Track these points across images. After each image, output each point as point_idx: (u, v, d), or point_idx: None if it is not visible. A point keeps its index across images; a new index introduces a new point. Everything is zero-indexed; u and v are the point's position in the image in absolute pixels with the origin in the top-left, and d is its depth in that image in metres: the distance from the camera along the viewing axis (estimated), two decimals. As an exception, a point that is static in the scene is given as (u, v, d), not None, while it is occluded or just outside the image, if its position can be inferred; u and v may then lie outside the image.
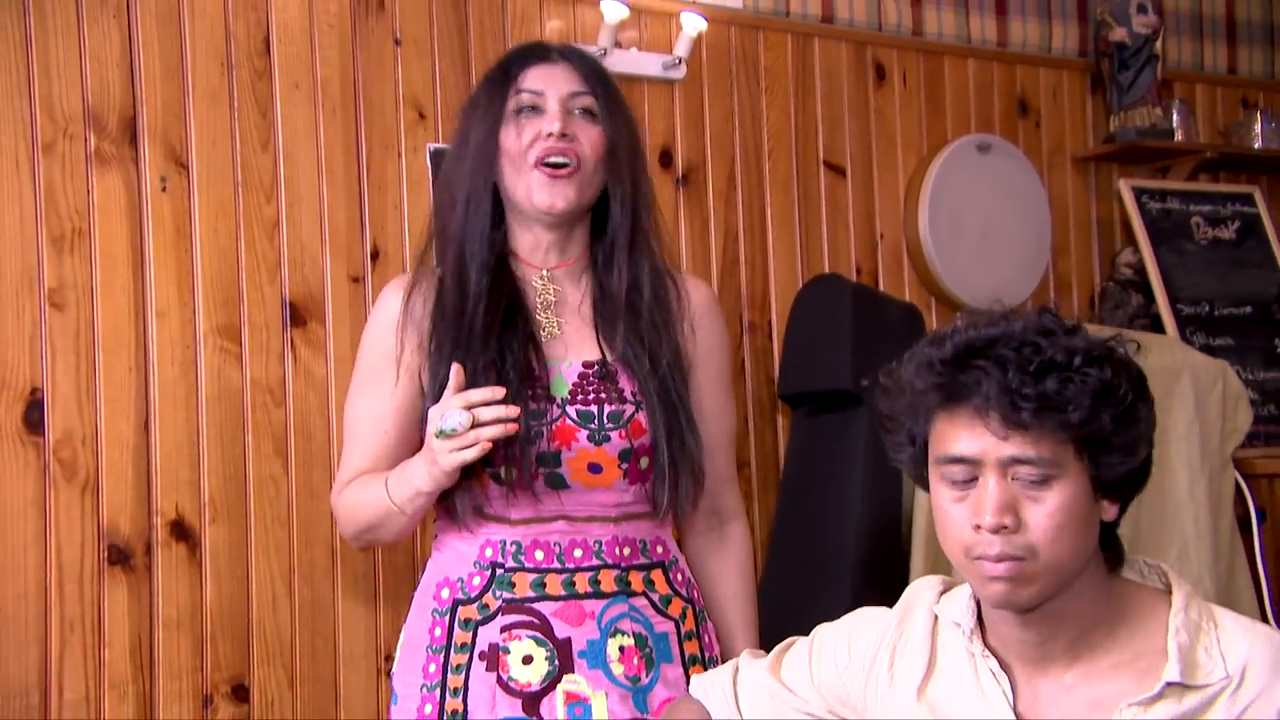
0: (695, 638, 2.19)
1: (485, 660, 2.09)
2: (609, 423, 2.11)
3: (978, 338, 1.63)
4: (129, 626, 2.59)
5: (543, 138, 2.11)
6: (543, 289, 2.19)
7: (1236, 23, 4.29)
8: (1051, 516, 1.59)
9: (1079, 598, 1.66)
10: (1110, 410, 1.58)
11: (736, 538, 2.32)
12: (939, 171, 3.61)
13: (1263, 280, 3.99)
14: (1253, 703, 1.61)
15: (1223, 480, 3.39)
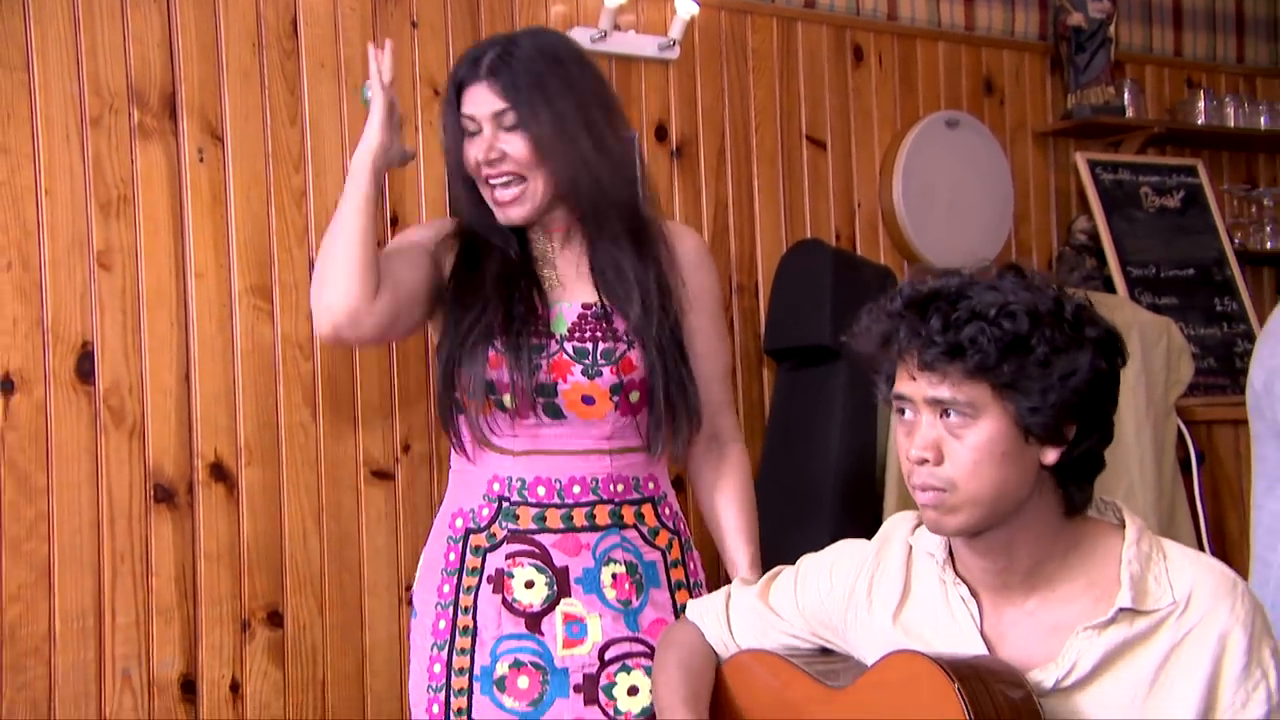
0: (681, 565, 2.21)
1: (492, 583, 2.11)
2: (601, 359, 2.11)
3: (919, 291, 1.64)
4: (173, 558, 2.59)
5: (479, 164, 2.10)
6: (541, 245, 2.19)
7: (1182, 9, 4.29)
8: (970, 453, 1.60)
9: (1027, 530, 1.66)
10: (1019, 360, 1.57)
11: (735, 458, 2.32)
12: (911, 145, 3.60)
13: (1204, 245, 4.00)
14: (1195, 626, 1.61)
15: (1166, 426, 3.40)
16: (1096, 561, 1.68)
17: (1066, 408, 1.59)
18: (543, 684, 2.07)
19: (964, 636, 1.70)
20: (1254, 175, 4.33)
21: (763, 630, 1.94)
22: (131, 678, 2.54)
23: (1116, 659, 1.63)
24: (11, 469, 2.46)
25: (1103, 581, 1.65)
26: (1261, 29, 4.45)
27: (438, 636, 2.12)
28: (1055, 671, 1.64)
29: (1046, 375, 1.58)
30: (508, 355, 2.07)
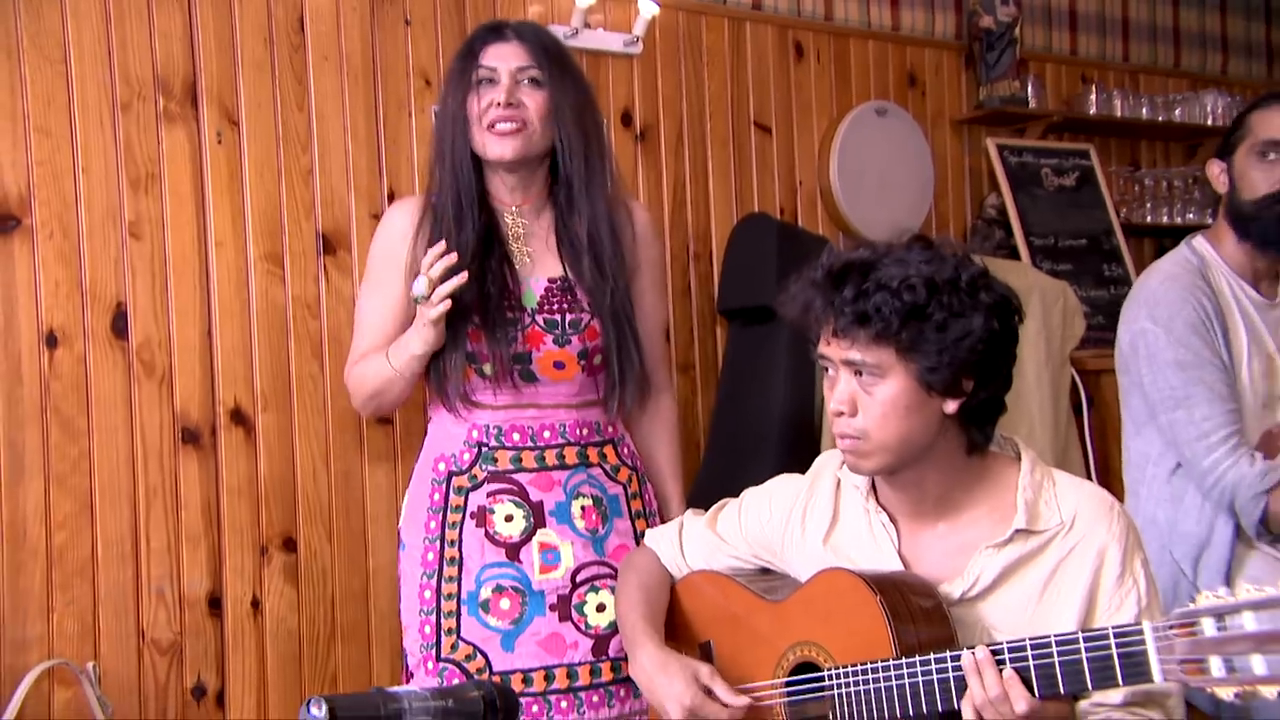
0: (639, 497, 2.24)
1: (475, 519, 2.12)
2: (570, 329, 2.12)
3: (835, 264, 1.65)
4: (199, 492, 2.58)
5: (494, 105, 2.09)
6: (513, 224, 2.18)
7: (1077, 14, 4.29)
8: (879, 407, 1.62)
9: (934, 468, 1.69)
10: (918, 326, 1.58)
11: (666, 406, 2.35)
12: (845, 131, 3.59)
13: (1095, 219, 4.02)
14: (1079, 543, 1.65)
15: (1062, 375, 3.42)
16: (996, 490, 1.71)
17: (963, 365, 1.61)
18: (522, 605, 2.09)
19: (884, 556, 1.74)
20: (1137, 159, 4.35)
21: (711, 554, 1.96)
22: (165, 595, 2.53)
23: (1013, 572, 1.66)
24: (56, 413, 2.45)
25: (1002, 507, 1.69)
26: (1144, 32, 4.46)
27: (426, 567, 2.13)
28: (961, 584, 1.67)
29: (943, 339, 1.59)
30: (486, 330, 2.07)
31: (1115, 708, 1.58)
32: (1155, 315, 2.35)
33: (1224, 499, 2.27)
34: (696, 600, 1.95)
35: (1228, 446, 2.26)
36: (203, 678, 2.56)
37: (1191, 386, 2.30)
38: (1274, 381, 2.38)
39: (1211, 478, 2.28)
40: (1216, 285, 2.38)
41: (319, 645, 2.69)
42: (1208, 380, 2.29)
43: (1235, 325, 2.36)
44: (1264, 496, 2.23)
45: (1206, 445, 2.28)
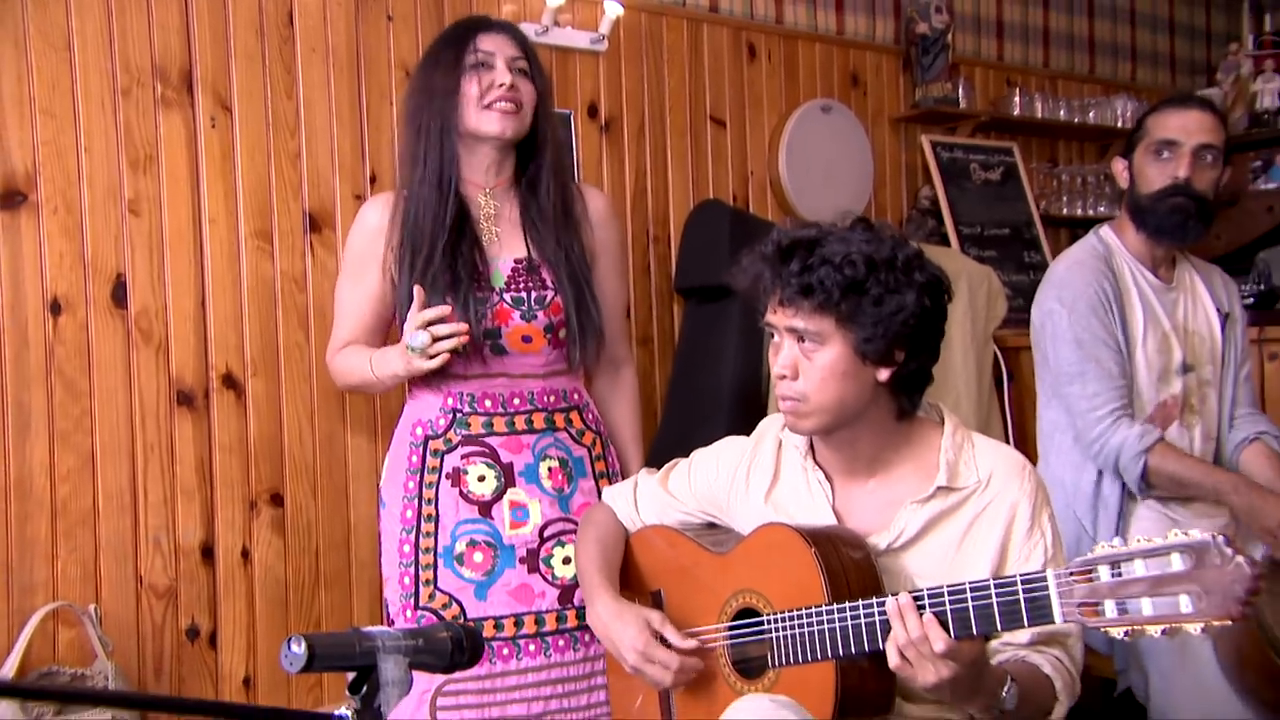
0: (603, 459, 2.24)
1: (450, 479, 2.12)
2: (535, 305, 2.11)
3: (784, 240, 1.66)
4: (193, 450, 2.57)
5: (495, 87, 2.09)
6: (484, 204, 2.17)
7: (1004, 25, 4.31)
8: (818, 371, 1.63)
9: (867, 429, 1.70)
10: (856, 299, 1.59)
11: (627, 377, 2.35)
12: (793, 126, 3.60)
13: (1018, 211, 4.04)
14: (993, 500, 1.67)
15: (985, 352, 3.44)
16: (922, 450, 1.72)
17: (895, 337, 1.62)
18: (494, 558, 2.09)
19: (819, 511, 1.75)
20: (1055, 156, 4.38)
21: (663, 509, 1.97)
22: (161, 544, 2.52)
23: (934, 525, 1.68)
24: (60, 375, 2.43)
25: (926, 466, 1.70)
26: (1063, 42, 4.50)
27: (405, 523, 2.12)
28: (888, 536, 1.69)
29: (879, 312, 1.60)
30: (458, 310, 2.06)
31: (1022, 646, 1.61)
32: (1061, 297, 2.38)
33: (1109, 462, 2.32)
34: (649, 552, 1.96)
35: (1113, 417, 2.31)
36: (196, 620, 2.56)
37: (1086, 364, 2.33)
38: (1169, 356, 2.41)
39: (1098, 445, 2.32)
40: (1119, 271, 2.41)
41: (304, 591, 2.69)
42: (1101, 359, 2.33)
43: (1133, 307, 2.40)
44: (1143, 456, 2.27)
45: (1095, 417, 2.32)
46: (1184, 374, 2.42)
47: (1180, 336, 2.43)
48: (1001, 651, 1.62)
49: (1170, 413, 2.42)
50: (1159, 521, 2.32)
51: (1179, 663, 2.28)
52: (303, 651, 0.97)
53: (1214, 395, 2.46)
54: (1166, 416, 2.41)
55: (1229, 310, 2.50)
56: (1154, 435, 2.30)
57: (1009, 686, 1.52)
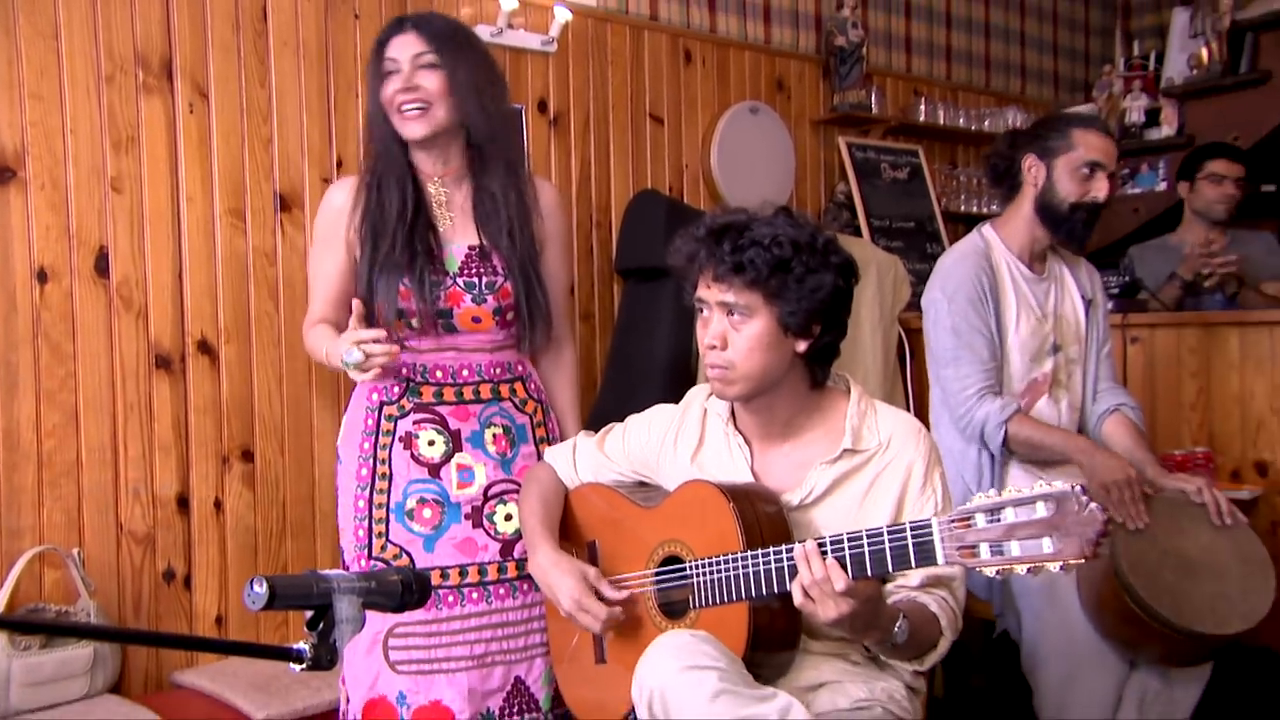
0: (543, 425, 2.22)
1: (402, 442, 2.10)
2: (486, 290, 2.10)
3: (716, 223, 1.68)
4: (170, 409, 2.53)
5: (399, 91, 2.05)
6: (436, 193, 2.14)
7: (911, 40, 4.34)
8: (745, 341, 1.65)
9: (782, 397, 1.72)
10: (782, 276, 1.61)
11: (567, 355, 2.33)
12: (724, 125, 3.60)
13: (921, 206, 4.08)
14: (892, 460, 1.70)
15: (891, 332, 3.48)
16: (830, 416, 1.74)
17: (814, 312, 1.64)
18: (442, 514, 2.08)
19: (739, 471, 1.76)
20: (955, 159, 4.42)
21: (598, 469, 1.98)
22: (140, 495, 2.48)
23: (840, 483, 1.70)
24: (46, 339, 2.38)
25: (834, 430, 1.72)
26: (963, 58, 4.53)
27: (360, 481, 2.11)
28: (799, 494, 1.71)
29: (801, 288, 1.62)
30: (415, 289, 2.04)
31: (913, 588, 1.65)
32: (945, 288, 2.40)
33: (976, 433, 2.36)
34: (585, 507, 1.97)
35: (979, 395, 2.35)
36: (172, 564, 2.52)
37: (961, 350, 2.36)
38: (1040, 339, 2.45)
39: (966, 419, 2.36)
40: (996, 264, 2.43)
41: (272, 539, 2.67)
42: (974, 346, 2.36)
43: (1008, 296, 2.42)
44: (1003, 425, 2.32)
45: (964, 395, 2.36)
46: (1054, 354, 2.47)
47: (1050, 321, 2.47)
48: (895, 593, 1.65)
49: (1040, 389, 2.46)
50: (1032, 477, 2.37)
51: (1048, 606, 2.33)
52: (264, 591, 0.96)
53: (1079, 372, 2.51)
54: (1037, 392, 2.46)
55: (1092, 297, 2.55)
56: (1013, 407, 2.34)
57: (900, 622, 1.55)
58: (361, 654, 2.06)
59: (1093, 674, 2.30)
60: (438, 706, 2.05)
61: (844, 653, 1.71)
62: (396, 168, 2.09)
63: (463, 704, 2.05)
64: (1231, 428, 2.96)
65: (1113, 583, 2.16)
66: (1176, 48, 4.33)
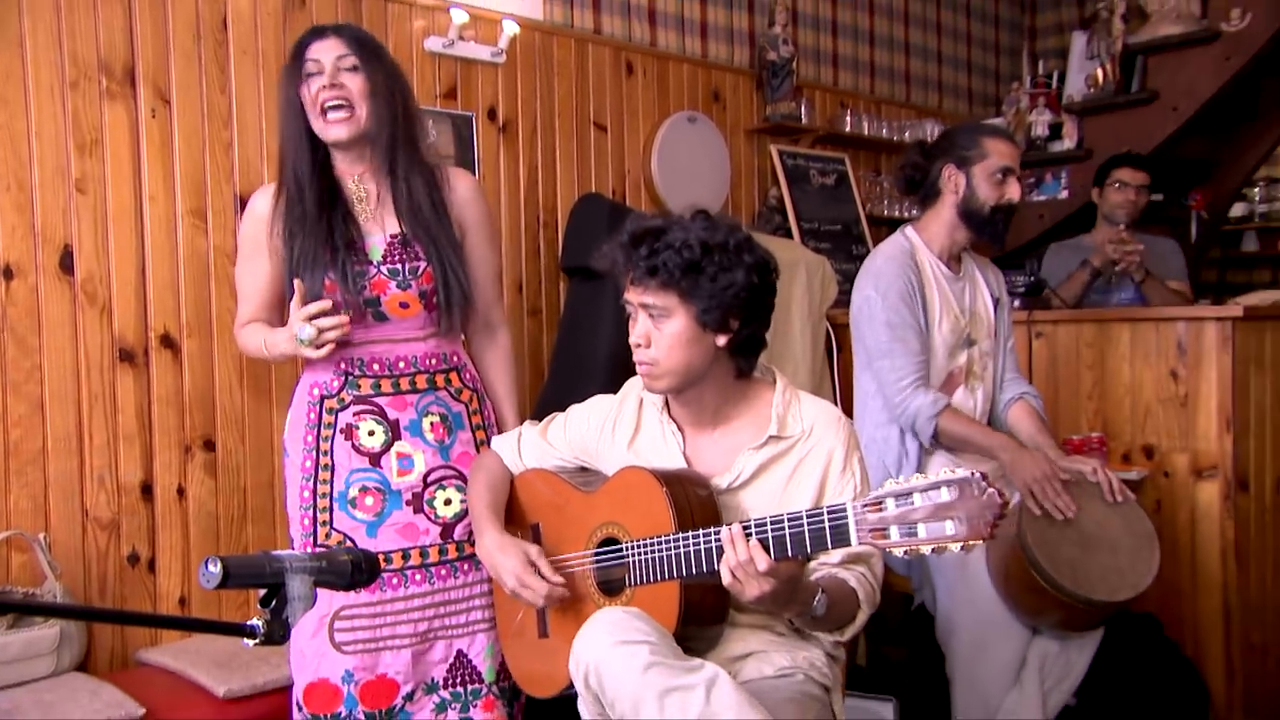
0: (479, 413, 2.20)
1: (344, 434, 2.08)
2: (410, 276, 2.06)
3: (636, 229, 1.67)
4: (134, 401, 2.49)
5: (322, 89, 2.01)
6: (355, 189, 2.10)
7: (839, 56, 4.37)
8: (666, 340, 1.65)
9: (710, 388, 1.72)
10: (694, 277, 1.61)
11: (502, 339, 2.29)
12: (664, 133, 3.60)
13: (848, 210, 4.10)
14: (815, 446, 1.71)
15: (819, 328, 3.51)
16: (757, 405, 1.75)
17: (730, 309, 1.64)
18: (383, 501, 2.06)
19: (672, 456, 1.77)
20: (879, 167, 4.45)
21: (542, 456, 1.98)
22: (105, 482, 2.44)
23: (766, 468, 1.71)
24: (12, 333, 2.33)
25: (761, 418, 1.73)
26: (886, 74, 4.58)
27: (305, 472, 2.08)
28: (728, 477, 1.72)
29: (714, 287, 1.62)
30: (340, 282, 2.01)
31: (834, 565, 1.67)
32: (878, 285, 2.43)
33: (909, 423, 2.40)
34: (529, 491, 1.97)
35: (912, 387, 2.38)
36: (136, 548, 2.48)
37: (895, 344, 2.40)
38: (958, 334, 2.50)
39: (900, 409, 2.40)
40: (920, 265, 2.48)
41: (233, 525, 2.63)
42: (906, 340, 2.39)
43: (932, 294, 2.47)
44: (934, 419, 2.36)
45: (899, 387, 2.39)
46: (969, 347, 2.52)
47: (966, 317, 2.52)
48: (818, 570, 1.67)
49: (957, 380, 2.51)
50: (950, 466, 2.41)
51: (960, 580, 2.38)
52: (218, 571, 0.96)
53: (991, 364, 2.56)
54: (954, 383, 2.51)
55: (999, 296, 2.60)
56: (943, 402, 2.38)
57: (820, 598, 1.57)
58: (306, 637, 2.03)
59: (1000, 641, 2.36)
60: (383, 679, 2.04)
61: (769, 625, 1.73)
62: (309, 164, 2.04)
63: (406, 674, 2.04)
64: (1123, 415, 3.04)
65: (1018, 557, 2.21)
66: (1076, 68, 4.42)
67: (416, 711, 2.05)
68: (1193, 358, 2.90)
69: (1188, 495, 2.90)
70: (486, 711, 2.08)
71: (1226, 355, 2.85)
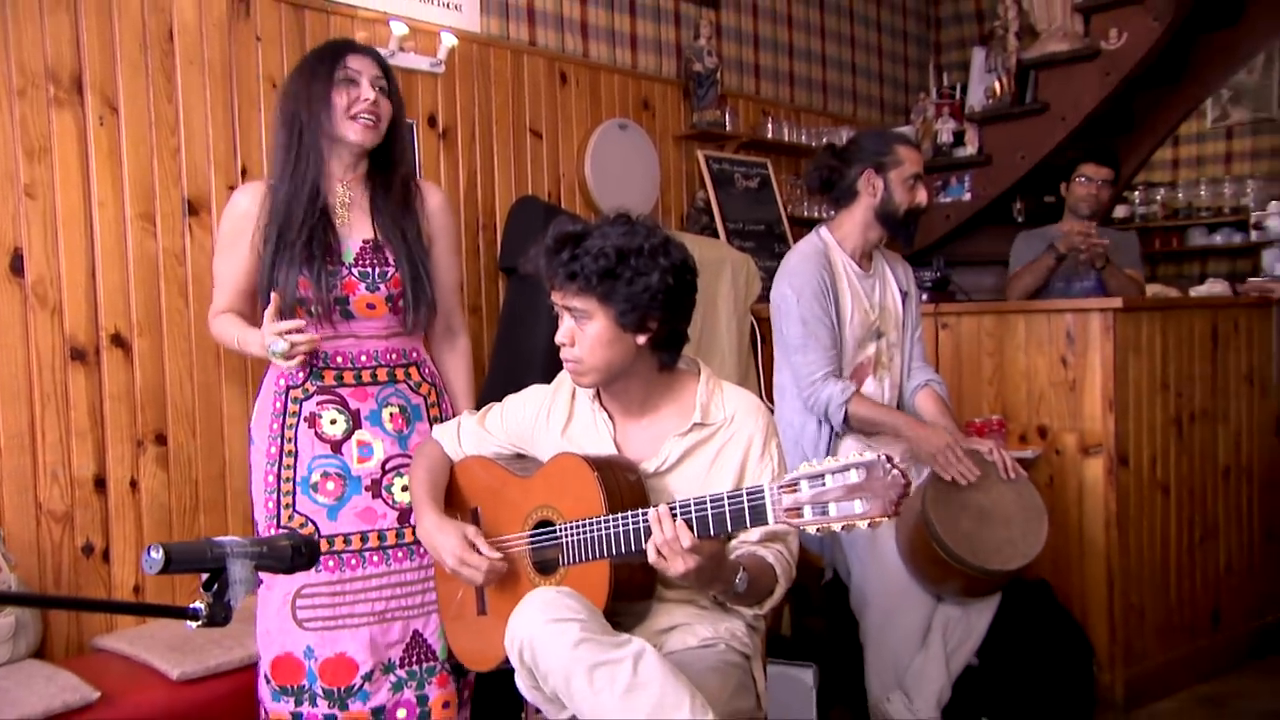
0: (437, 406, 2.21)
1: (307, 422, 2.08)
2: (379, 279, 2.08)
3: (558, 236, 1.67)
4: (86, 398, 2.43)
5: (361, 100, 2.04)
6: (341, 194, 2.11)
7: (760, 67, 4.39)
8: (588, 340, 1.66)
9: (636, 381, 1.73)
10: (611, 282, 1.61)
11: (462, 344, 2.32)
12: (596, 139, 3.60)
13: (770, 211, 4.13)
14: (736, 432, 1.72)
15: (744, 322, 3.54)
16: (682, 395, 1.76)
17: (648, 309, 1.64)
18: (344, 486, 2.06)
19: (603, 443, 1.77)
20: (799, 171, 4.45)
21: (480, 443, 1.97)
22: (59, 477, 2.38)
23: (691, 453, 1.72)
24: (-39, 335, 2.26)
25: (686, 407, 1.74)
26: (804, 84, 4.61)
27: (270, 458, 2.08)
28: (656, 462, 1.72)
29: (630, 290, 1.62)
30: (313, 280, 2.01)
31: (754, 543, 1.69)
32: (793, 284, 2.47)
33: (821, 410, 2.44)
34: (469, 477, 1.97)
35: (824, 378, 2.42)
36: (91, 539, 2.43)
37: (808, 339, 2.43)
38: (868, 327, 2.55)
39: (813, 399, 2.44)
40: (833, 263, 2.52)
41: (186, 515, 2.59)
42: (819, 335, 2.43)
43: (844, 291, 2.51)
44: (844, 405, 2.41)
45: (812, 379, 2.43)
46: (877, 339, 2.57)
47: (876, 311, 2.56)
48: (738, 548, 1.68)
49: (867, 369, 2.56)
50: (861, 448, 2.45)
51: (871, 554, 2.43)
52: (160, 556, 0.95)
53: (899, 354, 2.61)
54: (864, 372, 2.56)
55: (907, 290, 2.65)
56: (851, 389, 2.43)
57: (740, 574, 1.59)
58: (272, 614, 2.04)
59: (907, 609, 2.42)
60: (342, 658, 2.04)
61: (693, 599, 1.75)
62: (308, 171, 2.05)
63: (365, 655, 2.04)
64: (1019, 398, 3.12)
65: (922, 532, 2.27)
66: (976, 81, 4.51)
67: (374, 692, 2.05)
68: (1080, 346, 2.99)
69: (1076, 471, 3.00)
70: (440, 687, 2.09)
71: (1109, 343, 2.94)
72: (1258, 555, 3.45)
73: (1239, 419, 3.37)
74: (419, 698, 2.08)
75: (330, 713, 2.03)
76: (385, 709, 2.05)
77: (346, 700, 2.03)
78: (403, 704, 2.06)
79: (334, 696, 2.03)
